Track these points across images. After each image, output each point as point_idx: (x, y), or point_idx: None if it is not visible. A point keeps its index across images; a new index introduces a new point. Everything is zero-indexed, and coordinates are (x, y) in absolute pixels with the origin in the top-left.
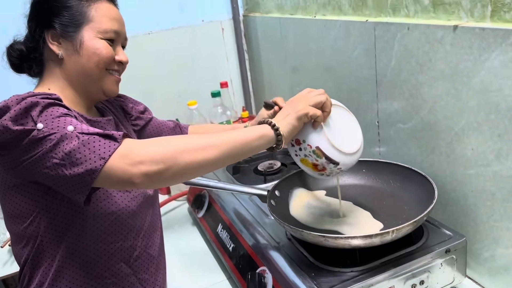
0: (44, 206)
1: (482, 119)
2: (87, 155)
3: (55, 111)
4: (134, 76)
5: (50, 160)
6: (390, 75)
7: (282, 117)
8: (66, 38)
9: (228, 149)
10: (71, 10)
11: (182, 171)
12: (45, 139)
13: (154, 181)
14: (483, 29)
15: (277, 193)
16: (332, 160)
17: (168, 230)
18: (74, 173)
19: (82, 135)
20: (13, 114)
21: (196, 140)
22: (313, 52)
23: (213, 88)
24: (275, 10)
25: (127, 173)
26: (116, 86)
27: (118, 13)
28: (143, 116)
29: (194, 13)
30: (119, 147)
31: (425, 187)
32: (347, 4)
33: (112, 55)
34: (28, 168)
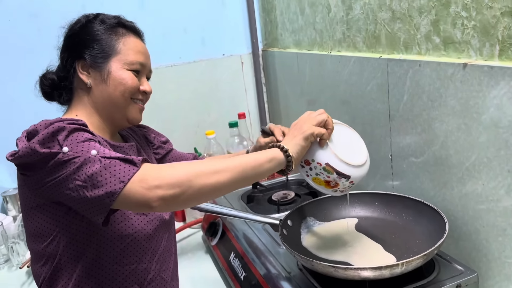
0: (64, 226)
1: (492, 154)
2: (107, 178)
3: (80, 136)
4: (156, 106)
5: (73, 182)
6: (402, 110)
7: (290, 139)
8: (95, 68)
9: (239, 172)
10: (101, 43)
11: (196, 194)
12: (69, 162)
13: (170, 205)
14: (491, 67)
15: (289, 223)
16: (343, 174)
17: (181, 257)
18: (94, 195)
19: (104, 159)
20: (41, 138)
21: (209, 164)
22: (328, 86)
23: (231, 118)
24: (293, 45)
25: (144, 196)
26: (139, 114)
27: (144, 47)
28: (164, 146)
29: (215, 47)
30: (138, 171)
31: (437, 221)
32: (361, 42)
33: (137, 85)
34: (51, 189)
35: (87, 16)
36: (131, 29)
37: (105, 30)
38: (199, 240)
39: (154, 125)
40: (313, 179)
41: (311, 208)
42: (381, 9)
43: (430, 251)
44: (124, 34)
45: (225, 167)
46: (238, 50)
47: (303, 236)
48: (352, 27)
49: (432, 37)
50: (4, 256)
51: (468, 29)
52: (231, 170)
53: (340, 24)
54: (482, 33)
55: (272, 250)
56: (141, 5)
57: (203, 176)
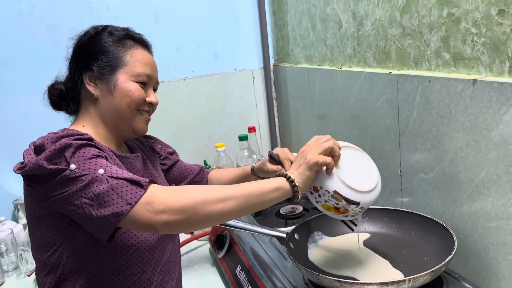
0: (68, 237)
1: (501, 171)
2: (114, 199)
3: (87, 153)
4: (168, 118)
5: (79, 199)
6: (412, 125)
7: (295, 168)
8: (102, 80)
9: (244, 201)
10: (108, 55)
11: (201, 221)
12: (77, 179)
13: (174, 229)
14: (501, 83)
15: (296, 236)
16: (352, 201)
17: (188, 269)
18: (100, 214)
19: (112, 179)
20: (48, 154)
21: (216, 192)
22: (338, 101)
23: (241, 132)
24: (304, 61)
25: (150, 220)
26: (145, 125)
27: (151, 59)
28: (171, 157)
29: (228, 62)
30: (145, 193)
31: (446, 238)
32: (372, 57)
33: (143, 97)
34: (57, 203)
35: (95, 28)
36: (139, 41)
37: (113, 42)
38: (206, 253)
39: (165, 137)
40: (323, 206)
41: (319, 222)
42: (391, 25)
43: (438, 267)
44: (132, 46)
45: (230, 195)
46: (250, 65)
47: (310, 251)
48: (362, 42)
49: (442, 53)
50: (13, 264)
51: (478, 46)
52: (236, 199)
53: (351, 39)
54: (492, 49)
55: (278, 264)
56: (156, 19)
57: (208, 204)
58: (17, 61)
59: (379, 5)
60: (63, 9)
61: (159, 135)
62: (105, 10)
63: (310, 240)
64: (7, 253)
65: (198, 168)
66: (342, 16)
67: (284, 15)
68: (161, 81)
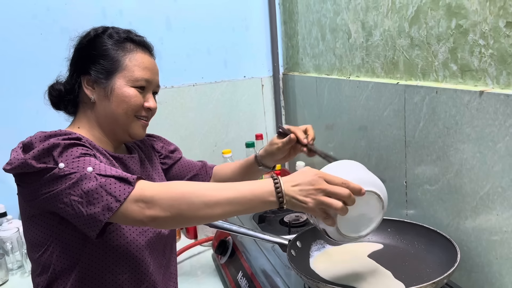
0: (57, 236)
1: (506, 184)
2: (103, 196)
3: (75, 151)
4: (176, 123)
5: (68, 196)
6: (418, 136)
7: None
8: (99, 84)
9: (231, 209)
10: (107, 58)
11: (186, 222)
12: (65, 177)
13: (161, 225)
14: (508, 95)
15: (298, 244)
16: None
17: (190, 274)
18: (90, 211)
19: (100, 176)
20: (36, 153)
21: (202, 197)
22: (345, 110)
23: (249, 139)
24: (313, 70)
25: (139, 215)
26: (142, 130)
27: (151, 63)
28: (172, 155)
29: (237, 69)
30: (133, 190)
31: (449, 250)
32: (380, 67)
33: (140, 103)
34: (46, 201)
35: (96, 30)
36: (140, 44)
37: (112, 45)
38: (209, 258)
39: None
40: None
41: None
42: (400, 36)
43: (439, 279)
44: (132, 49)
45: (217, 201)
46: (259, 73)
47: (312, 259)
48: (371, 53)
49: (450, 65)
50: (18, 262)
51: (485, 57)
52: (222, 206)
53: (360, 50)
54: (499, 61)
55: (280, 271)
56: (168, 25)
57: (194, 208)
58: (29, 62)
59: (388, 15)
60: (77, 13)
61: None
62: (119, 15)
63: (312, 249)
64: (12, 252)
65: (201, 164)
66: (351, 26)
67: (295, 25)
68: (171, 87)
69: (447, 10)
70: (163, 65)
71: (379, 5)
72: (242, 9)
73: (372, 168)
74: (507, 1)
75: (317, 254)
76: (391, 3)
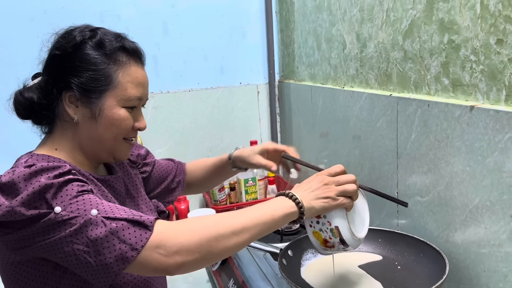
0: (54, 283)
1: (495, 198)
2: (116, 244)
3: (70, 190)
4: (171, 128)
5: (70, 245)
6: (410, 148)
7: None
8: (84, 103)
9: (258, 231)
10: (96, 73)
11: (215, 258)
12: (65, 223)
13: (188, 269)
14: (497, 111)
15: (289, 253)
16: (344, 243)
17: (181, 281)
18: (100, 261)
19: (109, 220)
20: (26, 199)
21: (228, 225)
22: (339, 119)
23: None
24: (308, 78)
25: (163, 264)
26: (128, 151)
27: (144, 76)
28: (148, 161)
29: (233, 76)
30: (152, 235)
31: (439, 262)
32: (374, 79)
33: (130, 126)
34: (39, 249)
35: (82, 33)
36: (133, 53)
37: (102, 57)
38: None
39: (167, 147)
40: (314, 232)
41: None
42: (393, 49)
43: None
44: (125, 62)
45: (244, 227)
46: (255, 80)
47: (303, 268)
48: (365, 64)
49: (442, 79)
50: None
51: (476, 73)
52: (249, 230)
53: (354, 60)
54: (489, 77)
55: (272, 280)
56: (165, 31)
57: (222, 240)
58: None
59: (383, 28)
60: (74, 16)
61: (162, 145)
62: (116, 20)
63: (304, 258)
64: None
65: (174, 164)
66: (346, 37)
67: (291, 33)
68: (167, 92)
69: (440, 25)
70: (159, 70)
71: (374, 18)
72: (239, 16)
73: (365, 178)
74: (498, 19)
75: (308, 263)
76: (386, 16)
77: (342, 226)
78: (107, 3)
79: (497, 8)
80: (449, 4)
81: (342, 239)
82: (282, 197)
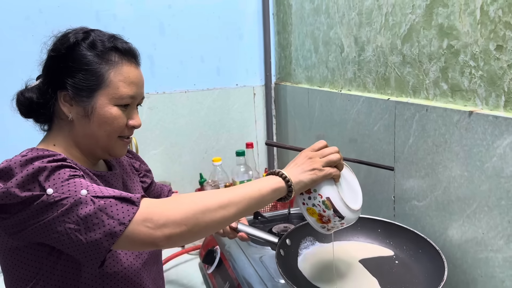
0: (48, 268)
1: (493, 204)
2: (105, 220)
3: (63, 174)
4: (167, 130)
5: (62, 224)
6: (407, 152)
7: (296, 170)
8: (77, 102)
9: (245, 205)
10: (88, 73)
11: (203, 230)
12: (56, 204)
13: (176, 242)
14: (496, 117)
15: (288, 242)
16: (338, 213)
17: (176, 284)
18: (90, 238)
19: (98, 199)
20: (20, 181)
21: (214, 198)
22: (336, 123)
23: (239, 147)
24: (305, 81)
25: (150, 236)
26: (124, 149)
27: (137, 76)
28: (149, 175)
29: (230, 77)
30: (138, 210)
31: (437, 262)
32: (371, 82)
33: (123, 124)
34: (35, 232)
35: (76, 35)
36: (126, 52)
37: (94, 57)
38: (196, 267)
39: (162, 148)
40: (308, 209)
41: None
42: (392, 53)
43: None
44: (117, 62)
45: (230, 201)
46: (252, 82)
47: (300, 258)
48: (363, 67)
49: (440, 83)
50: None
51: (476, 78)
52: (236, 204)
53: (352, 64)
54: (488, 83)
55: (268, 283)
56: (162, 31)
57: (209, 212)
58: (19, 64)
59: (381, 32)
60: (70, 16)
61: (157, 146)
62: (112, 19)
63: (302, 246)
64: None
65: (166, 187)
66: (344, 41)
67: (288, 36)
68: (163, 93)
69: (439, 30)
70: (155, 70)
71: (373, 22)
72: (236, 18)
73: (361, 181)
74: (498, 25)
75: (306, 252)
76: (384, 20)
77: (333, 196)
78: (103, 2)
79: (497, 14)
80: (449, 9)
81: (336, 209)
82: (270, 175)
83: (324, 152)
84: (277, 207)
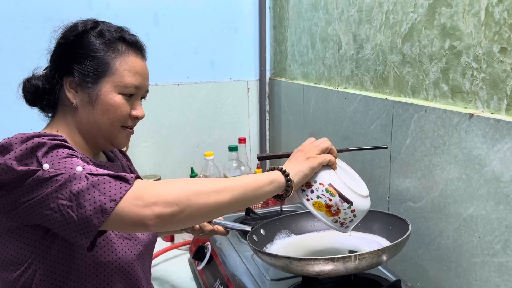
0: (41, 252)
1: (491, 208)
2: (96, 196)
3: (61, 152)
4: (158, 122)
5: (55, 200)
6: (404, 153)
7: (293, 164)
8: (83, 88)
9: (240, 193)
10: (95, 60)
11: (195, 214)
12: (51, 180)
13: (166, 223)
14: (497, 120)
15: (262, 231)
16: (345, 198)
17: (165, 279)
18: (81, 215)
19: (92, 176)
20: (18, 154)
21: (209, 183)
22: (331, 120)
23: (231, 142)
24: (300, 77)
25: (140, 215)
26: (127, 139)
27: (143, 67)
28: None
29: (224, 71)
30: (131, 188)
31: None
32: (369, 81)
33: (127, 113)
34: (28, 210)
35: (84, 24)
36: (133, 44)
37: (102, 45)
38: (185, 263)
39: (153, 141)
40: (314, 203)
41: (288, 221)
42: (391, 52)
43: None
44: (123, 52)
45: (225, 187)
46: (246, 76)
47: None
48: (361, 66)
49: (441, 84)
50: None
51: (477, 81)
52: (231, 191)
53: (350, 61)
54: (491, 86)
55: (258, 280)
56: (156, 21)
57: (202, 195)
58: (8, 50)
59: (381, 30)
60: (62, 2)
61: (148, 138)
62: (105, 8)
63: (276, 237)
64: None
65: None
66: (342, 38)
67: (284, 30)
68: (155, 84)
69: (441, 30)
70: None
71: (372, 19)
72: (232, 11)
73: None
74: (503, 27)
75: (279, 241)
76: (385, 18)
77: (334, 182)
78: None
79: (502, 16)
80: (452, 9)
81: (341, 194)
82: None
83: (315, 143)
84: (268, 204)
